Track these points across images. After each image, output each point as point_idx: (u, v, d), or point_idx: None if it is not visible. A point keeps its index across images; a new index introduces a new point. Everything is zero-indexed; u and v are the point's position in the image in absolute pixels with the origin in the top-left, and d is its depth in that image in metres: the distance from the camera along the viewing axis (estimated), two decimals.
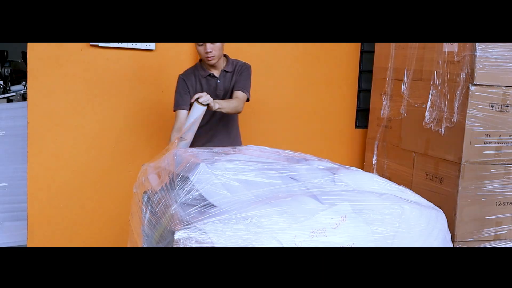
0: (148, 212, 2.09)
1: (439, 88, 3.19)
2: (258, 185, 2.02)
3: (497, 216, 3.13)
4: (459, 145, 3.04)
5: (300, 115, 3.97)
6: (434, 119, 3.24)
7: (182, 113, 2.85)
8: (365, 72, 4.19)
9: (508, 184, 3.12)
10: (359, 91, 4.16)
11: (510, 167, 3.11)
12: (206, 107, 2.63)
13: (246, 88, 2.98)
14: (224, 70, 2.98)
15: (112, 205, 3.50)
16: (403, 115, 3.52)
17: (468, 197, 3.07)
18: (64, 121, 3.36)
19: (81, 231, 3.48)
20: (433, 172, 3.25)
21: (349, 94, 4.12)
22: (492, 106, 3.03)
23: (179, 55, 3.55)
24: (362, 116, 4.18)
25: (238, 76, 2.99)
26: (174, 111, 2.91)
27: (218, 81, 2.96)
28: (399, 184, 2.34)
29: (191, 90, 2.90)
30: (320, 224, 1.86)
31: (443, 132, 3.16)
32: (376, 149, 3.83)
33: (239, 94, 2.93)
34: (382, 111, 3.73)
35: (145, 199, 2.18)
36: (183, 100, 2.88)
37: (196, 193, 1.97)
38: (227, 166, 2.08)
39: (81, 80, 3.36)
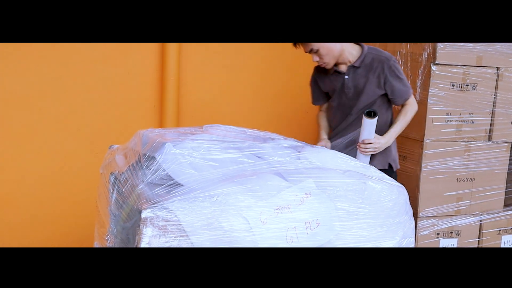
0: (115, 192, 2.09)
1: (402, 67, 3.25)
2: (224, 164, 2.03)
3: (458, 192, 3.23)
4: (421, 124, 3.12)
5: (267, 97, 4.00)
6: None
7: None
8: None
9: (468, 161, 3.22)
10: None
11: (470, 144, 3.21)
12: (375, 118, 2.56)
13: (407, 91, 2.73)
14: (353, 66, 2.70)
15: (79, 187, 3.47)
16: None
17: (430, 174, 3.16)
18: (27, 103, 3.30)
19: (48, 214, 3.45)
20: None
21: None
22: (453, 85, 3.12)
23: None
24: None
25: (384, 78, 2.67)
26: (315, 104, 3.04)
27: (346, 76, 2.71)
28: None
29: (322, 87, 2.91)
30: (285, 201, 1.90)
31: None
32: None
33: (409, 102, 2.77)
34: None
35: (112, 179, 2.17)
36: (319, 96, 2.98)
37: (163, 173, 1.98)
38: (193, 146, 2.09)
39: (43, 61, 3.30)
